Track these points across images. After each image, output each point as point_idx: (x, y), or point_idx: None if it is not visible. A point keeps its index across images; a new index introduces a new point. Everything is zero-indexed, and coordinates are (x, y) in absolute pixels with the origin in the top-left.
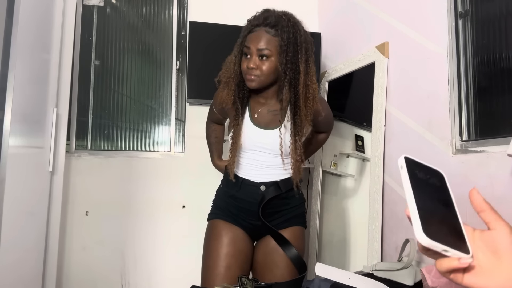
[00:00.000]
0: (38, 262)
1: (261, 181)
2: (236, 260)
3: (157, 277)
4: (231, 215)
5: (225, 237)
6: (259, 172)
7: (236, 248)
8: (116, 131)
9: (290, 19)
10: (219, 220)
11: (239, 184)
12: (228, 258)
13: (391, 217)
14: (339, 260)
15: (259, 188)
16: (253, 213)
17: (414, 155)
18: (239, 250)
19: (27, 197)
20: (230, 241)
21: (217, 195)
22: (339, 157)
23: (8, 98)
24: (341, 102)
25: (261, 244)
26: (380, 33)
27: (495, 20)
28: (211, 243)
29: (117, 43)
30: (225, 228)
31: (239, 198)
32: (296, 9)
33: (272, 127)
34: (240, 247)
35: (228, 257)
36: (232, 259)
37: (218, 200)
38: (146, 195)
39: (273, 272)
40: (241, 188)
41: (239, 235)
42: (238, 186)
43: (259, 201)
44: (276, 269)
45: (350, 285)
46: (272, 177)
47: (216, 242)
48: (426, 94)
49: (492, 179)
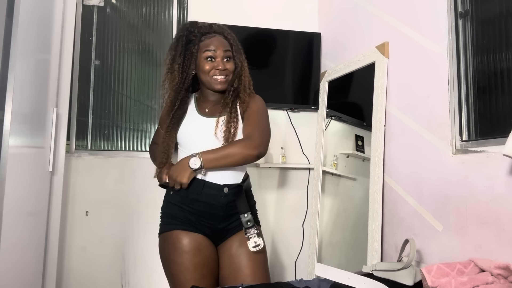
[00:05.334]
0: (38, 262)
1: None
2: (207, 269)
3: (157, 277)
4: (189, 222)
5: (191, 247)
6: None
7: (204, 257)
8: (116, 131)
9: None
10: (178, 231)
11: (201, 187)
12: (199, 268)
13: (391, 217)
14: (339, 260)
15: (222, 191)
16: (215, 216)
17: (414, 155)
18: (207, 257)
19: (27, 197)
20: (196, 251)
21: (167, 202)
22: (339, 157)
23: (8, 98)
24: (341, 102)
25: (224, 248)
26: (380, 33)
27: (495, 20)
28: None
29: (117, 43)
30: (188, 238)
31: (201, 201)
32: (296, 9)
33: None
34: (207, 254)
35: (199, 268)
36: (204, 269)
37: (170, 208)
38: (146, 195)
39: (243, 272)
40: (203, 191)
41: (202, 242)
42: (199, 189)
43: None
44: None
45: (350, 285)
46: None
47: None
48: (426, 94)
49: (492, 179)
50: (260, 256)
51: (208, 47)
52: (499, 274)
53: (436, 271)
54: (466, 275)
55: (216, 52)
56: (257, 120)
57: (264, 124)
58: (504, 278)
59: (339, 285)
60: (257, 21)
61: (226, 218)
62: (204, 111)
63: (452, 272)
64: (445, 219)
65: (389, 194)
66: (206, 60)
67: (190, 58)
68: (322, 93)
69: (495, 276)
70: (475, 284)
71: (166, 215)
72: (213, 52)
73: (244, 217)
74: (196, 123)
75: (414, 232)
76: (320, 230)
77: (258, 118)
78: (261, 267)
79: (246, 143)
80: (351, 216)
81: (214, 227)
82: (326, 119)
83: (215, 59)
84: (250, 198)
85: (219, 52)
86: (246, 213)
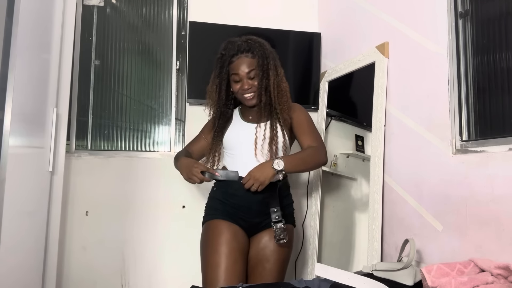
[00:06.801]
0: (38, 262)
1: None
2: (241, 254)
3: (157, 277)
4: (228, 214)
5: (228, 233)
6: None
7: (239, 243)
8: (116, 131)
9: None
10: (217, 220)
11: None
12: (234, 252)
13: (391, 217)
14: (339, 260)
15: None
16: (250, 210)
17: (414, 155)
18: (242, 244)
19: (27, 197)
20: (232, 237)
21: (211, 198)
22: (339, 157)
23: (8, 98)
24: (341, 102)
25: (255, 240)
26: (380, 33)
27: (495, 20)
28: (214, 240)
29: (117, 43)
30: (226, 226)
31: (239, 196)
32: (296, 9)
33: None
34: (242, 242)
35: (234, 252)
36: (238, 254)
37: (212, 202)
38: (146, 195)
39: (263, 265)
40: (240, 186)
41: (238, 231)
42: (238, 184)
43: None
44: (266, 263)
45: (350, 285)
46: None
47: (220, 239)
48: (426, 94)
49: (492, 179)
50: (283, 252)
51: (234, 71)
52: (499, 274)
53: (436, 271)
54: (466, 275)
55: (240, 75)
56: (313, 129)
57: (318, 133)
58: (504, 278)
59: (339, 285)
60: (257, 21)
61: (261, 213)
62: (248, 118)
63: (452, 272)
64: (445, 219)
65: (389, 194)
66: (234, 82)
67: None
68: (322, 93)
69: (495, 276)
70: (475, 284)
71: (209, 207)
72: (238, 75)
73: (274, 211)
74: (240, 128)
75: (414, 232)
76: (320, 230)
77: (313, 127)
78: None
79: (318, 151)
80: (351, 216)
81: (249, 220)
82: (326, 119)
83: (240, 80)
84: (287, 198)
85: (242, 74)
86: (276, 208)
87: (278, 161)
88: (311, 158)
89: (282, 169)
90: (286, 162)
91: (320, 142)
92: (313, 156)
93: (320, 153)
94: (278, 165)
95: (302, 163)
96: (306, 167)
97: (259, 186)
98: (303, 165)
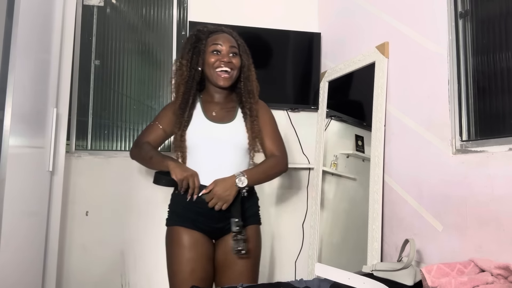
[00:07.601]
0: (38, 262)
1: None
2: (199, 264)
3: (157, 277)
4: (189, 220)
5: (186, 243)
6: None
7: (197, 252)
8: (116, 131)
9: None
10: (178, 227)
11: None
12: (190, 262)
13: (391, 217)
14: (339, 260)
15: None
16: (211, 217)
17: (414, 155)
18: (200, 253)
19: (27, 197)
20: (192, 246)
21: (173, 200)
22: (339, 157)
23: (8, 98)
24: (341, 102)
25: (221, 244)
26: (380, 33)
27: (495, 20)
28: (173, 250)
29: (117, 43)
30: (185, 234)
31: (200, 202)
32: (296, 9)
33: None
34: (201, 250)
35: (190, 262)
36: (195, 263)
37: (174, 206)
38: (146, 195)
39: (232, 269)
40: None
41: (199, 239)
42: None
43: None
44: (235, 266)
45: (350, 285)
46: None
47: (178, 249)
48: (426, 94)
49: (492, 179)
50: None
51: (215, 41)
52: (499, 274)
53: (436, 271)
54: (466, 275)
55: (222, 46)
56: (277, 133)
57: (281, 137)
58: (504, 278)
59: (339, 285)
60: (257, 21)
61: (222, 219)
62: (211, 115)
63: (452, 272)
64: (445, 219)
65: (389, 194)
66: (212, 54)
67: (198, 53)
68: (322, 93)
69: (495, 276)
70: (475, 284)
71: (171, 211)
72: (220, 46)
73: (235, 221)
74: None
75: (414, 232)
76: (320, 230)
77: (276, 130)
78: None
79: (279, 162)
80: (351, 216)
81: (212, 226)
82: (326, 119)
83: (221, 53)
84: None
85: (225, 47)
86: (237, 218)
87: (240, 178)
88: (273, 170)
89: (245, 186)
90: (249, 178)
91: (282, 150)
92: (274, 167)
93: (282, 164)
94: (242, 182)
95: (265, 176)
96: (268, 179)
97: (224, 204)
98: (265, 178)
